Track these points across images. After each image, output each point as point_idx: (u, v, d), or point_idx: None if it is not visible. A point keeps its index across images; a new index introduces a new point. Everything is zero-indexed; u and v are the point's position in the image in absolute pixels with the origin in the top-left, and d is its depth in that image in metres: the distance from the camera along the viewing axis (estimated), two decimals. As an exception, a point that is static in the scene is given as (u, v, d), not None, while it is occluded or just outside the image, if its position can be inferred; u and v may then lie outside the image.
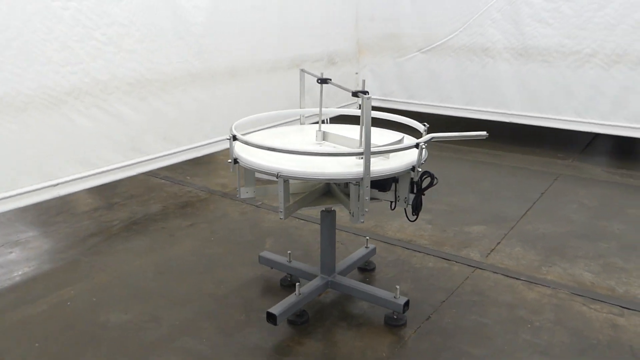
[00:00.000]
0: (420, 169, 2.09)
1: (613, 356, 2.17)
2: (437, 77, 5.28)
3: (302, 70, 2.76)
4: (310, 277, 2.64)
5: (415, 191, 2.15)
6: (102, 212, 3.65)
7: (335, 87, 2.35)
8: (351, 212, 2.12)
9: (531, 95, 4.79)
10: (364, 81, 2.15)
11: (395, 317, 2.40)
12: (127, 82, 3.46)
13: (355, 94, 2.03)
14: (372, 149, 1.98)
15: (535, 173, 4.37)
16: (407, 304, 2.36)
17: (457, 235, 3.24)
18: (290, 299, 2.38)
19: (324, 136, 2.44)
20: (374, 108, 2.01)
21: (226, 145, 4.22)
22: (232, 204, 3.79)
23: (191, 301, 2.59)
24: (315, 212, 3.57)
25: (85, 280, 2.79)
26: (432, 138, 2.11)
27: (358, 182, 2.02)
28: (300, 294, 2.40)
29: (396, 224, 3.38)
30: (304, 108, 2.74)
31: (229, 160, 2.23)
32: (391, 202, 2.19)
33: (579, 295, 2.60)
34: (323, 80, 2.42)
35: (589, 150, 5.07)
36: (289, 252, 2.73)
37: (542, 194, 3.88)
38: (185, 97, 3.87)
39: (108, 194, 3.94)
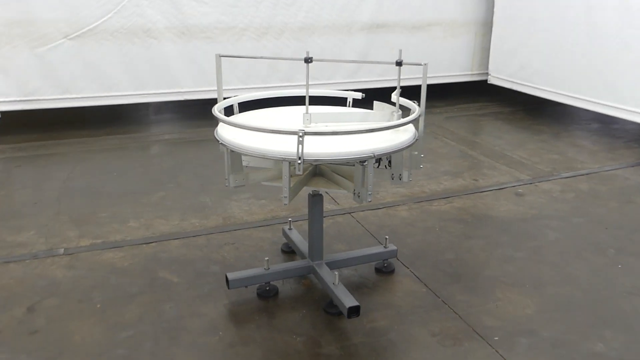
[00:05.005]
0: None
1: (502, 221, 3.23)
2: (96, 65, 4.73)
3: (218, 55, 2.45)
4: (301, 271, 2.51)
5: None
6: None
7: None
8: (394, 176, 2.27)
9: (200, 70, 5.07)
10: (400, 51, 2.18)
11: (385, 265, 2.68)
12: None
13: (399, 63, 2.13)
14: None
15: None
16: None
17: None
18: (340, 290, 2.28)
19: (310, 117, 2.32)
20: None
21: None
22: (82, 260, 2.65)
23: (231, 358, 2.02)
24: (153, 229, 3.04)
25: None
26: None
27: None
28: (338, 282, 2.32)
29: (252, 207, 3.31)
30: (222, 96, 2.45)
31: (299, 162, 1.90)
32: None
33: (432, 199, 3.50)
34: (308, 59, 2.25)
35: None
36: (266, 258, 2.43)
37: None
38: None
39: None
